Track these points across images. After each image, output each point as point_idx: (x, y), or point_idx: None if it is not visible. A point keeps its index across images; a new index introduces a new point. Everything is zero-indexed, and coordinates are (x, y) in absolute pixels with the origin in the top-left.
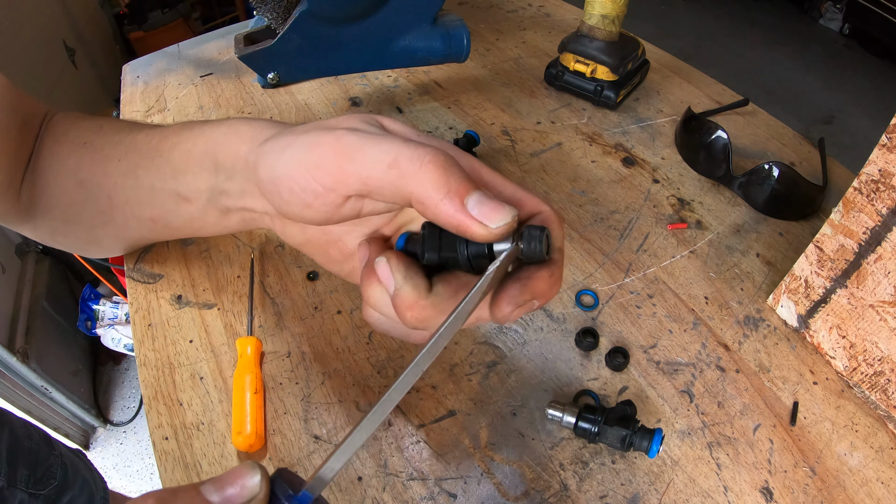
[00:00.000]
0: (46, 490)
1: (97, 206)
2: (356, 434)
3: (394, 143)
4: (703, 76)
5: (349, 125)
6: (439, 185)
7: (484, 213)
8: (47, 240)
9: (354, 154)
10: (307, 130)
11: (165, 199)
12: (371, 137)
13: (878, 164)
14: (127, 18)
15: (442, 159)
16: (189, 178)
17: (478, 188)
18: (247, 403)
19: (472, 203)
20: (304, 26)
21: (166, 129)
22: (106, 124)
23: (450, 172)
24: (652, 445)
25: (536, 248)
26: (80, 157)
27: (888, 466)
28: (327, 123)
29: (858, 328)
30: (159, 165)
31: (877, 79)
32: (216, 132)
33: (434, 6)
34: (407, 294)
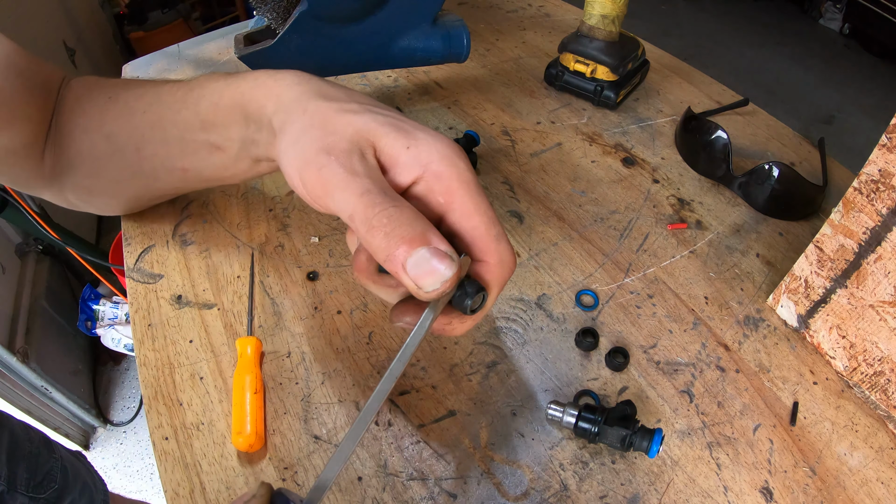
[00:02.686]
0: (47, 493)
1: (125, 158)
2: (345, 443)
3: (354, 197)
4: (703, 76)
5: (341, 144)
6: (381, 249)
7: (418, 277)
8: (73, 202)
9: (328, 190)
10: (312, 125)
11: (197, 148)
12: (343, 180)
13: (878, 164)
14: (127, 18)
15: (385, 223)
16: (220, 129)
17: (423, 244)
18: (247, 403)
19: (409, 266)
20: (304, 26)
21: (190, 82)
22: (129, 82)
23: (390, 237)
24: (652, 445)
25: (463, 304)
26: (105, 111)
27: (888, 466)
28: (332, 126)
29: (858, 328)
30: (186, 118)
31: (877, 79)
32: (243, 84)
33: (434, 6)
34: (360, 261)
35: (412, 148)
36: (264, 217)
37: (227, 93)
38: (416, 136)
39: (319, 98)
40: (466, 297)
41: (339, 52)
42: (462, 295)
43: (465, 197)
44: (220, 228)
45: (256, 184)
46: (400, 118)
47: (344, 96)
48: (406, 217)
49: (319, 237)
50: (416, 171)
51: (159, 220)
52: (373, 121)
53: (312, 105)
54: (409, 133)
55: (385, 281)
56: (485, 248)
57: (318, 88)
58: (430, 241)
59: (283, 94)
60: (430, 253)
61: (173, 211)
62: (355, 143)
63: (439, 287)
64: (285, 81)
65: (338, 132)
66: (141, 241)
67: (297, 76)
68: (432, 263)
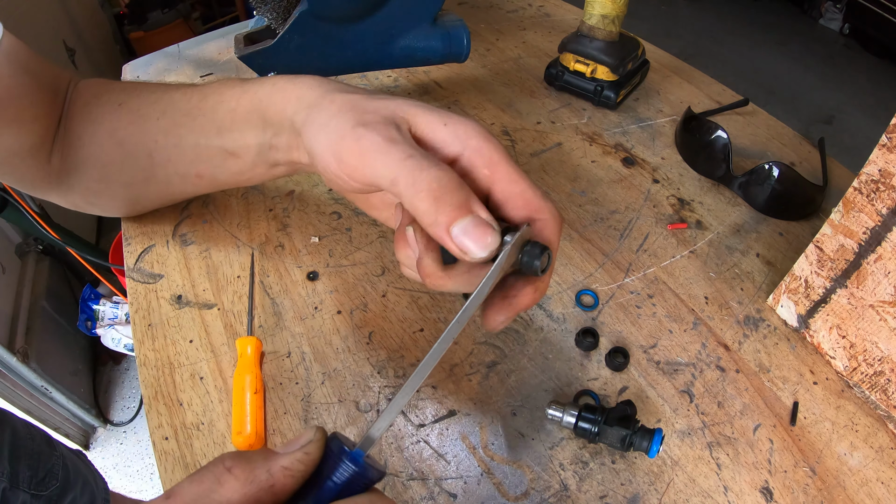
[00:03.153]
0: (48, 491)
1: (137, 164)
2: (399, 397)
3: (396, 162)
4: (703, 76)
5: (377, 119)
6: (428, 213)
7: (465, 244)
8: (80, 204)
9: (367, 160)
10: (343, 110)
11: (212, 155)
12: (384, 147)
13: (878, 164)
14: (127, 18)
15: (435, 187)
16: (236, 135)
17: (468, 213)
18: (247, 403)
19: (455, 232)
20: (304, 26)
21: (205, 88)
22: (139, 86)
23: (440, 202)
24: (652, 445)
25: (533, 266)
26: (116, 117)
27: (888, 466)
28: (363, 107)
29: (858, 328)
30: (202, 124)
31: (877, 79)
32: (260, 91)
33: (434, 6)
34: (427, 264)
35: (449, 125)
36: (264, 217)
37: (245, 98)
38: (451, 116)
39: (345, 91)
40: (535, 259)
41: (339, 52)
42: (530, 258)
43: (508, 166)
44: (220, 228)
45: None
46: (428, 105)
47: (367, 91)
48: (454, 182)
49: (319, 237)
50: (456, 147)
51: (159, 220)
52: (405, 103)
53: (339, 97)
54: (443, 113)
55: (456, 272)
56: (538, 206)
57: (339, 87)
58: (475, 209)
59: (304, 95)
60: (475, 222)
61: (173, 211)
62: (391, 119)
63: (486, 253)
64: (305, 84)
65: (371, 110)
66: (141, 241)
67: (317, 79)
68: (478, 231)
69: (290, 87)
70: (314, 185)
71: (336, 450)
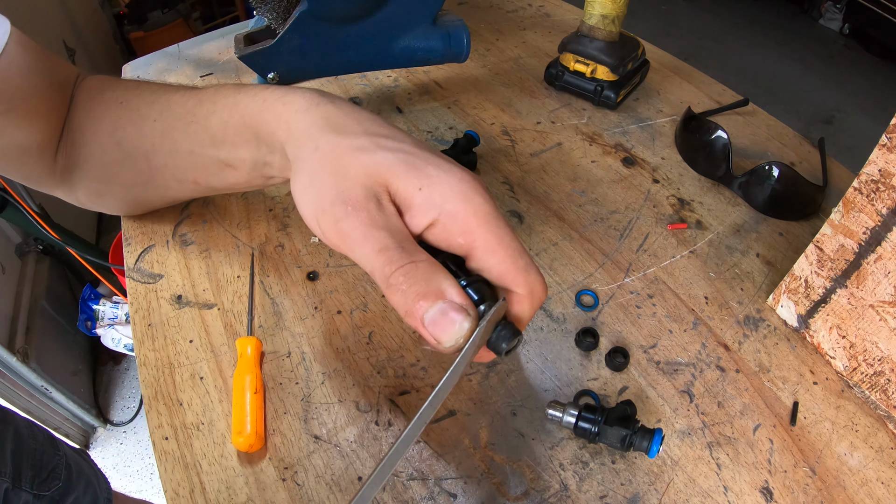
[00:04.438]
0: (51, 491)
1: (136, 166)
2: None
3: (371, 255)
4: (703, 76)
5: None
6: (399, 306)
7: (436, 332)
8: (84, 202)
9: (345, 245)
10: (323, 170)
11: (207, 164)
12: (360, 236)
13: (878, 164)
14: (127, 18)
15: (402, 280)
16: (230, 148)
17: (436, 300)
18: (247, 403)
19: (427, 321)
20: (304, 26)
21: (201, 93)
22: (142, 85)
23: (407, 295)
24: (652, 445)
25: (499, 348)
26: (116, 116)
27: (888, 466)
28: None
29: (858, 328)
30: (196, 131)
31: (877, 79)
32: (251, 106)
33: (434, 6)
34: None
35: (424, 189)
36: (264, 217)
37: (237, 112)
38: (429, 174)
39: (329, 131)
40: (502, 341)
41: (339, 52)
42: (498, 338)
43: (486, 233)
44: (220, 228)
45: None
46: (412, 149)
47: (354, 127)
48: (422, 273)
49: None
50: (431, 214)
51: (159, 220)
52: (384, 160)
53: (323, 141)
54: (421, 170)
55: None
56: (513, 280)
57: (327, 117)
58: (446, 294)
59: (292, 122)
60: (446, 307)
61: (173, 211)
62: (370, 189)
63: (455, 342)
64: (294, 106)
65: (350, 176)
66: (141, 241)
67: (307, 99)
68: (448, 317)
69: (280, 108)
70: None
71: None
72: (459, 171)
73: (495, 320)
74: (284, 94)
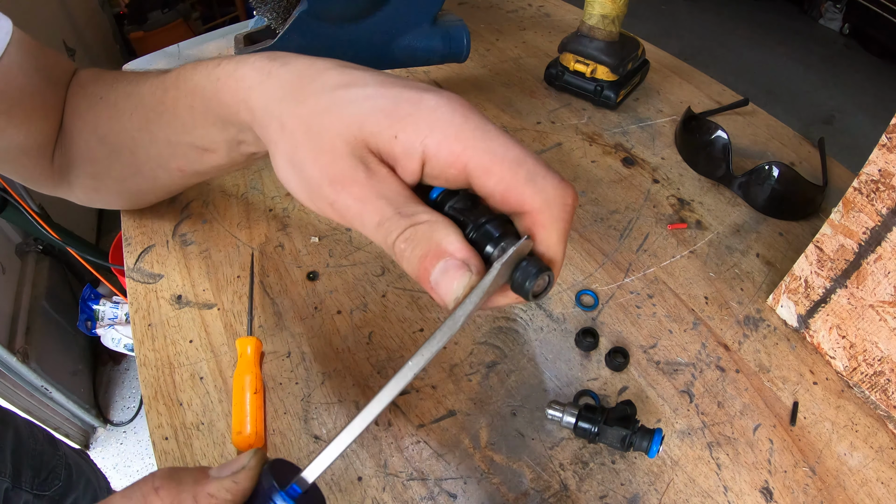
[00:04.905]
0: (51, 491)
1: (122, 160)
2: (352, 425)
3: (371, 229)
4: (703, 76)
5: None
6: (411, 273)
7: (441, 294)
8: (83, 199)
9: (348, 222)
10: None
11: (186, 150)
12: (357, 214)
13: (878, 164)
14: (127, 18)
15: (403, 248)
16: (202, 133)
17: (438, 259)
18: (247, 403)
19: (433, 282)
20: (304, 26)
21: (167, 80)
22: (120, 78)
23: (411, 262)
24: (652, 445)
25: (524, 289)
26: (97, 112)
27: (888, 466)
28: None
29: (858, 328)
30: (168, 121)
31: (877, 79)
32: (207, 87)
33: (434, 6)
34: None
35: (399, 134)
36: (264, 217)
37: (198, 96)
38: (400, 116)
39: (289, 102)
40: (525, 280)
41: (339, 52)
42: (523, 277)
43: (474, 154)
44: (220, 228)
45: (256, 184)
46: (378, 90)
47: (312, 86)
48: (422, 235)
49: (319, 237)
50: (416, 158)
51: (159, 220)
52: (353, 118)
53: (287, 116)
54: (392, 115)
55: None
56: (518, 197)
57: (281, 85)
58: (445, 251)
59: (249, 100)
60: (446, 266)
61: (173, 211)
62: (352, 157)
63: (455, 303)
64: (246, 82)
65: (327, 149)
66: (141, 241)
67: (257, 70)
68: (448, 275)
69: (234, 86)
70: None
71: (267, 486)
72: (432, 98)
73: (513, 262)
74: (236, 67)
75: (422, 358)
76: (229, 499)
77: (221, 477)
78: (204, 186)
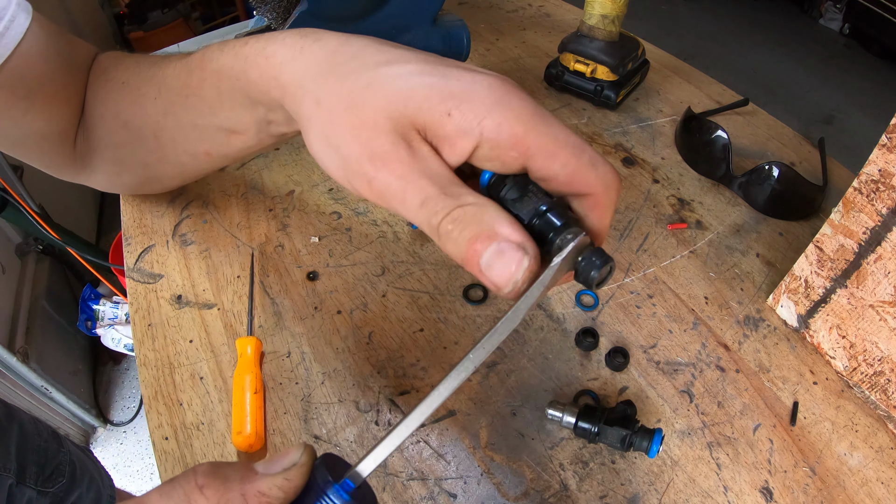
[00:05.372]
0: (55, 488)
1: (146, 146)
2: (408, 421)
3: (414, 209)
4: (703, 76)
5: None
6: (456, 256)
7: (494, 277)
8: (105, 185)
9: (388, 203)
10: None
11: (213, 133)
12: (399, 192)
13: (878, 164)
14: (127, 18)
15: (451, 229)
16: (229, 114)
17: (491, 240)
18: (247, 403)
19: (483, 265)
20: (304, 26)
21: (191, 62)
22: (141, 61)
23: (459, 244)
24: (652, 445)
25: (589, 278)
26: (119, 97)
27: (888, 466)
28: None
29: (858, 328)
30: (194, 103)
31: (877, 79)
32: (235, 67)
33: (434, 6)
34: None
35: (454, 112)
36: (264, 217)
37: (224, 76)
38: (454, 93)
39: (326, 78)
40: (592, 269)
41: None
42: (588, 266)
43: (538, 137)
44: (220, 228)
45: (256, 184)
46: (425, 67)
47: (351, 63)
48: (472, 215)
49: (319, 237)
50: (471, 138)
51: (159, 220)
52: (399, 94)
53: (323, 93)
54: (444, 91)
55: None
56: (584, 180)
57: (318, 61)
58: (499, 234)
59: (281, 77)
60: (502, 247)
61: (173, 211)
62: (395, 133)
63: (513, 286)
64: (277, 58)
65: (368, 125)
66: (141, 241)
67: (289, 47)
68: (505, 258)
69: (264, 64)
70: (314, 185)
71: (321, 481)
72: (486, 78)
73: (574, 256)
74: (265, 45)
75: (483, 351)
76: (282, 496)
77: (272, 473)
78: (204, 186)
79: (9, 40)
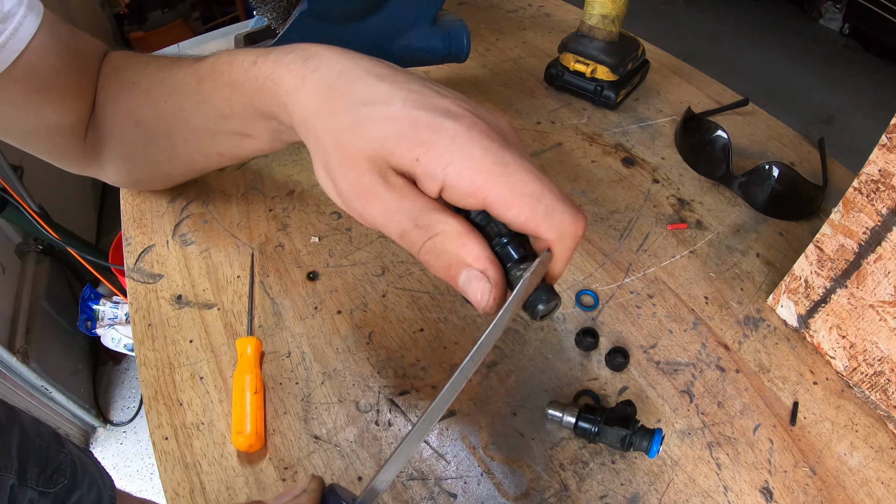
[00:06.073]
0: (56, 488)
1: (157, 144)
2: (405, 445)
3: (397, 238)
4: (703, 76)
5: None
6: (435, 270)
7: (470, 297)
8: (115, 180)
9: (379, 230)
10: (326, 156)
11: (226, 137)
12: (383, 223)
13: (878, 164)
14: (127, 18)
15: (428, 258)
16: (242, 122)
17: (461, 269)
18: (247, 403)
19: (461, 287)
20: (304, 26)
21: (201, 69)
22: (151, 63)
23: (437, 269)
24: (652, 445)
25: (535, 311)
26: (131, 97)
27: (888, 466)
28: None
29: (858, 328)
30: (205, 110)
31: (877, 79)
32: (246, 87)
33: (434, 6)
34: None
35: (421, 158)
36: (264, 217)
37: (236, 91)
38: (421, 140)
39: (320, 116)
40: (537, 303)
41: None
42: (535, 300)
43: (494, 187)
44: (220, 228)
45: (256, 184)
46: (402, 111)
47: (342, 100)
48: (441, 246)
49: (319, 237)
50: (436, 182)
51: (159, 220)
52: (376, 138)
53: (319, 129)
54: (414, 139)
55: None
56: (536, 230)
57: (315, 94)
58: (466, 261)
59: (288, 104)
60: (468, 275)
61: (173, 211)
62: (374, 172)
63: (486, 305)
64: (284, 86)
65: (353, 165)
66: (141, 241)
67: (293, 75)
68: (472, 284)
69: (273, 89)
70: (314, 185)
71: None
72: (452, 126)
73: (539, 275)
74: (273, 69)
75: (473, 362)
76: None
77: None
78: (204, 186)
79: (22, 35)
